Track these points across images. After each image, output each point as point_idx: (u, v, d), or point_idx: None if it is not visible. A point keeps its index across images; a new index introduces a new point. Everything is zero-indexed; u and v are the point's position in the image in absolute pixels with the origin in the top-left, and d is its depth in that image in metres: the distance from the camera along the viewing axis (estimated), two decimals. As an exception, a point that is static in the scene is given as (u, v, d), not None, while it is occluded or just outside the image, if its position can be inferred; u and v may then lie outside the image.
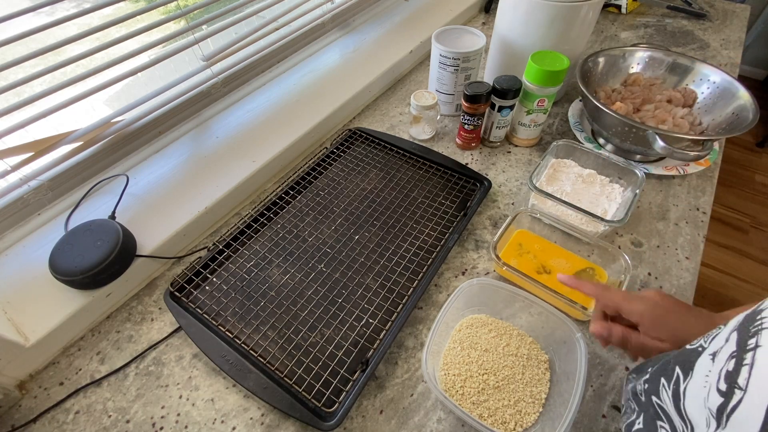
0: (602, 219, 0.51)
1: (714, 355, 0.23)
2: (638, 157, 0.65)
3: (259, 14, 0.69)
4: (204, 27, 0.61)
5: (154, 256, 0.52)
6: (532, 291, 0.47)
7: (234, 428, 0.42)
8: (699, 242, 0.56)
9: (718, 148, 0.66)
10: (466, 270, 0.54)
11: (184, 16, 0.58)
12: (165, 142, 0.65)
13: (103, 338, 0.49)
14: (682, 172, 0.63)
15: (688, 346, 0.27)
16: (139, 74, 0.55)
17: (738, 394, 0.19)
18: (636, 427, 0.30)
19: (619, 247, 0.53)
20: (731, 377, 0.20)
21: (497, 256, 0.49)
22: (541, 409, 0.40)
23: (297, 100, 0.74)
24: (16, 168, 0.50)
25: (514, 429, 0.39)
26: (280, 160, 0.65)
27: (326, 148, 0.68)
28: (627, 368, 0.45)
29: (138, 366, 0.46)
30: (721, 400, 0.20)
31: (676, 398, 0.25)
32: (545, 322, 0.44)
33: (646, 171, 0.61)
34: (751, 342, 0.20)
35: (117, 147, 0.59)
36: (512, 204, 0.62)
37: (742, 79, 0.62)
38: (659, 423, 0.26)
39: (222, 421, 0.42)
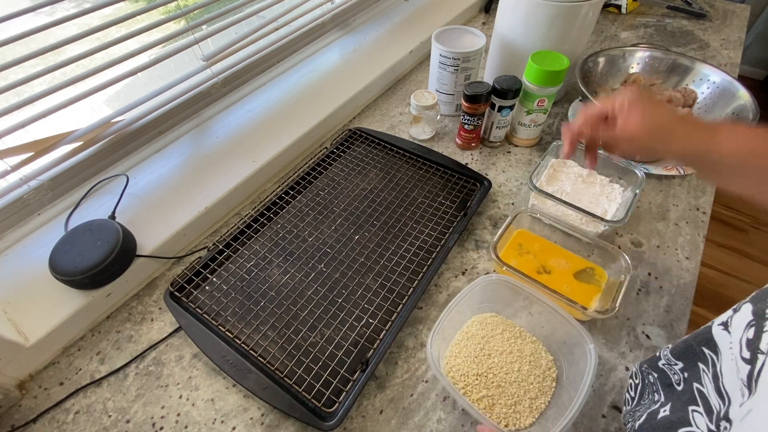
0: (602, 219, 0.51)
1: (725, 325, 0.24)
2: (638, 157, 0.65)
3: (259, 14, 0.69)
4: (204, 27, 0.61)
5: (154, 256, 0.52)
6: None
7: (234, 428, 0.42)
8: (699, 242, 0.56)
9: (718, 148, 0.66)
10: (466, 270, 0.54)
11: (184, 16, 0.58)
12: (165, 142, 0.65)
13: (103, 338, 0.49)
14: (682, 172, 0.63)
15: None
16: (139, 74, 0.55)
17: (761, 358, 0.20)
18: (662, 414, 0.29)
19: (619, 247, 0.53)
20: (753, 344, 0.21)
21: (497, 256, 0.49)
22: (539, 413, 0.40)
23: (297, 100, 0.74)
24: (16, 168, 0.50)
25: (507, 426, 0.39)
26: (280, 160, 0.65)
27: (326, 148, 0.68)
28: (627, 368, 0.45)
29: (138, 366, 0.46)
30: (748, 367, 0.21)
31: (716, 379, 0.25)
32: (557, 327, 0.44)
33: (646, 171, 0.61)
34: None
35: (117, 147, 0.59)
36: (512, 204, 0.62)
37: (742, 79, 0.62)
38: (692, 408, 0.27)
39: (222, 421, 0.42)
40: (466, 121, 0.65)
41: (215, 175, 0.61)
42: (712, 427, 0.24)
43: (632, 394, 0.37)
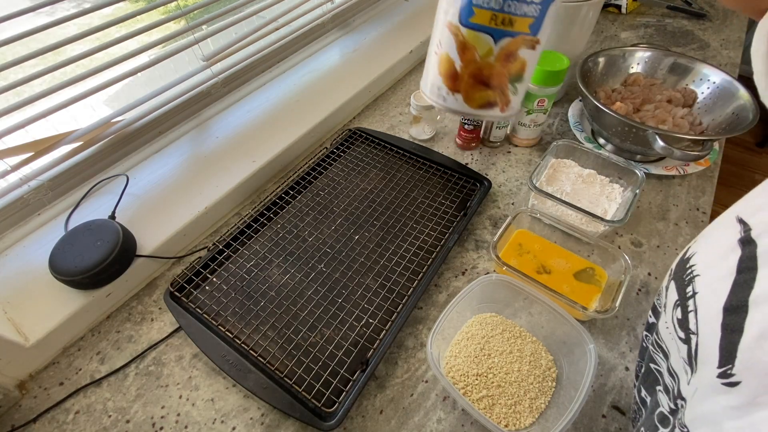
0: (602, 219, 0.51)
1: (664, 307, 0.24)
2: (638, 157, 0.65)
3: (259, 14, 0.69)
4: (204, 27, 0.61)
5: (154, 256, 0.52)
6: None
7: (234, 428, 0.42)
8: (699, 242, 0.56)
9: (718, 148, 0.66)
10: (465, 270, 0.54)
11: (184, 16, 0.58)
12: (165, 142, 0.65)
13: (103, 338, 0.49)
14: (682, 172, 0.63)
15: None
16: (139, 74, 0.55)
17: (694, 338, 0.21)
18: (643, 396, 0.30)
19: (619, 247, 0.53)
20: (684, 324, 0.22)
21: (497, 256, 0.49)
22: (539, 413, 0.40)
23: (297, 100, 0.74)
24: (16, 168, 0.50)
25: (507, 427, 0.39)
26: (280, 160, 0.65)
27: (326, 148, 0.68)
28: (627, 368, 0.45)
29: (138, 366, 0.46)
30: (685, 347, 0.22)
31: (666, 357, 0.26)
32: (557, 327, 0.44)
33: (646, 171, 0.61)
34: (689, 290, 0.22)
35: (117, 147, 0.59)
36: (512, 204, 0.62)
37: (742, 79, 0.62)
38: (657, 388, 0.27)
39: (222, 421, 0.42)
40: (466, 121, 0.65)
41: (215, 175, 0.61)
42: (672, 406, 0.24)
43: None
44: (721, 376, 0.19)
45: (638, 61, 0.72)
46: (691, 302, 0.21)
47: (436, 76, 0.29)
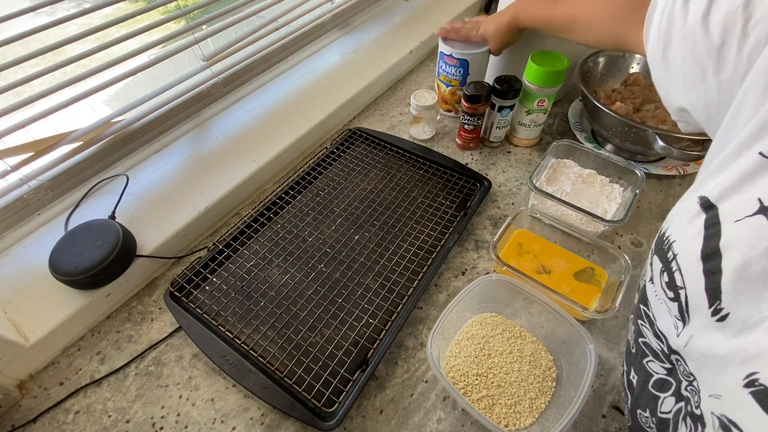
0: (602, 219, 0.51)
1: (651, 279, 0.29)
2: (638, 156, 0.65)
3: (259, 14, 0.69)
4: (204, 27, 0.61)
5: (154, 256, 0.52)
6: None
7: (234, 428, 0.42)
8: (699, 242, 0.56)
9: (718, 148, 0.66)
10: (465, 270, 0.54)
11: (185, 16, 0.58)
12: (165, 142, 0.65)
13: (103, 338, 0.49)
14: (682, 172, 0.63)
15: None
16: (139, 74, 0.55)
17: (683, 292, 0.25)
18: (634, 380, 0.33)
19: (619, 247, 0.53)
20: (671, 284, 0.26)
21: (497, 256, 0.49)
22: (539, 413, 0.40)
23: (297, 100, 0.74)
24: (16, 168, 0.50)
25: (507, 427, 0.39)
26: (280, 160, 0.65)
27: (326, 148, 0.68)
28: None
29: (138, 366, 0.46)
30: (675, 304, 0.26)
31: (652, 325, 0.30)
32: (557, 327, 0.44)
33: (646, 171, 0.61)
34: (669, 255, 0.26)
35: (117, 147, 0.59)
36: (512, 204, 0.62)
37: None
38: (646, 360, 0.31)
39: (222, 421, 0.42)
40: (466, 121, 0.65)
41: (215, 175, 0.61)
42: (668, 365, 0.28)
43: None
44: (713, 313, 0.22)
45: (638, 60, 0.72)
46: (674, 263, 0.26)
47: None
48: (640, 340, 0.32)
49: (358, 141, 0.70)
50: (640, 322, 0.32)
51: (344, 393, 0.41)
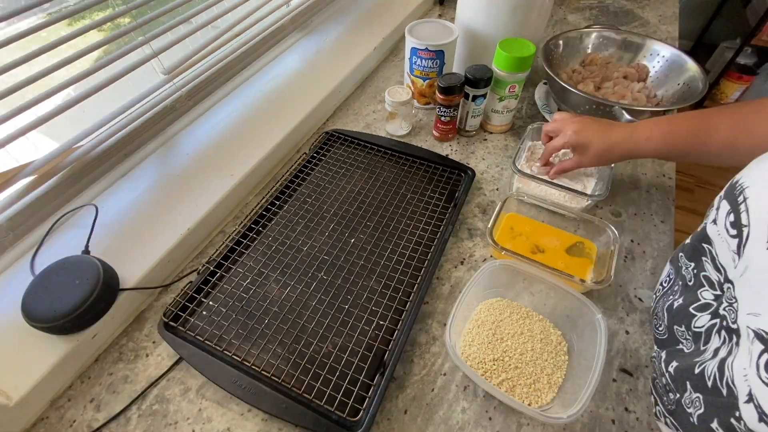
0: (586, 194, 0.54)
1: (714, 221, 0.35)
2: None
3: (213, 24, 0.65)
4: (152, 41, 0.57)
5: (140, 288, 0.49)
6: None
7: (257, 454, 0.40)
8: (669, 206, 0.60)
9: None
10: (464, 259, 0.55)
11: (139, 28, 0.54)
12: (131, 164, 0.61)
13: (94, 383, 0.45)
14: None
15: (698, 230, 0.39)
16: (99, 93, 0.50)
17: (745, 230, 0.30)
18: (676, 304, 0.40)
19: (601, 219, 0.55)
20: (736, 223, 0.31)
21: (494, 242, 0.50)
22: (558, 387, 0.42)
23: (265, 108, 0.71)
24: (-34, 211, 0.44)
25: (531, 405, 0.41)
26: (258, 170, 0.63)
27: (305, 153, 0.67)
28: (627, 332, 0.47)
29: (140, 407, 0.43)
30: (736, 240, 0.31)
31: (713, 260, 0.35)
32: (558, 302, 0.46)
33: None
34: (740, 198, 0.31)
35: (80, 176, 0.54)
36: (497, 189, 0.63)
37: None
38: (700, 291, 0.36)
39: (243, 449, 0.40)
40: (442, 113, 0.66)
41: (192, 194, 0.58)
42: (717, 292, 0.34)
43: (664, 285, 0.45)
44: None
45: (593, 41, 0.76)
46: (742, 206, 0.31)
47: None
48: (702, 273, 0.37)
49: (337, 143, 0.69)
50: (703, 258, 0.37)
51: (367, 399, 0.41)
